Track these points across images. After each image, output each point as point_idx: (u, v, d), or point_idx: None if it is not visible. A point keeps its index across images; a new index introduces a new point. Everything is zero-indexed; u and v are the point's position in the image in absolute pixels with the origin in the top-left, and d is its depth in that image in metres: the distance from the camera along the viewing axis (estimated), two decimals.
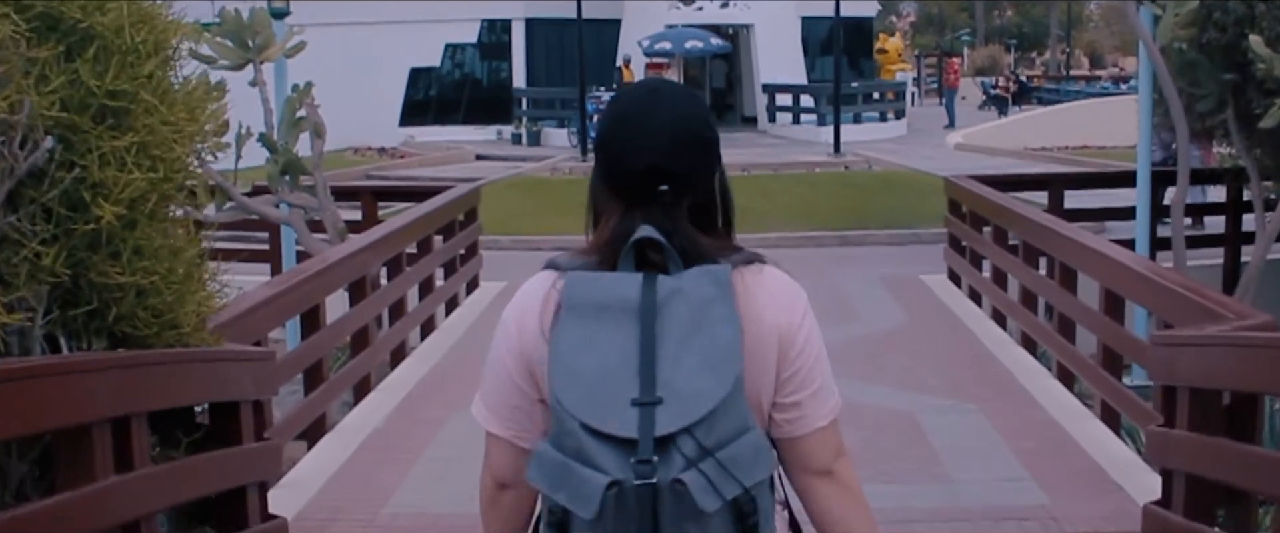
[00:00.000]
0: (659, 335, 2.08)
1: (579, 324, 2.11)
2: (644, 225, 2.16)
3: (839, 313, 12.84)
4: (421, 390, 10.13)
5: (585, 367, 2.07)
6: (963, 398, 9.55)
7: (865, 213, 19.48)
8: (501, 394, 2.30)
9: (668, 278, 2.13)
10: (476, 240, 14.58)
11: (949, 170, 23.81)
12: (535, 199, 21.36)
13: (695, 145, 2.24)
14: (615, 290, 2.13)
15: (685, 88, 2.38)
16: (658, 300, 2.10)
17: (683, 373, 2.06)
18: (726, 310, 2.12)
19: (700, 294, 2.12)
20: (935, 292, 13.86)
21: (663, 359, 2.06)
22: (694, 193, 2.26)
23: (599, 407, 2.05)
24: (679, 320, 2.09)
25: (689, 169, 2.22)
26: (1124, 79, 45.91)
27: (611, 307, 2.10)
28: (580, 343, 2.09)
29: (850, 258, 16.78)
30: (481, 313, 13.24)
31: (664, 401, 2.03)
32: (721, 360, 2.08)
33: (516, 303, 2.32)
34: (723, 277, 2.15)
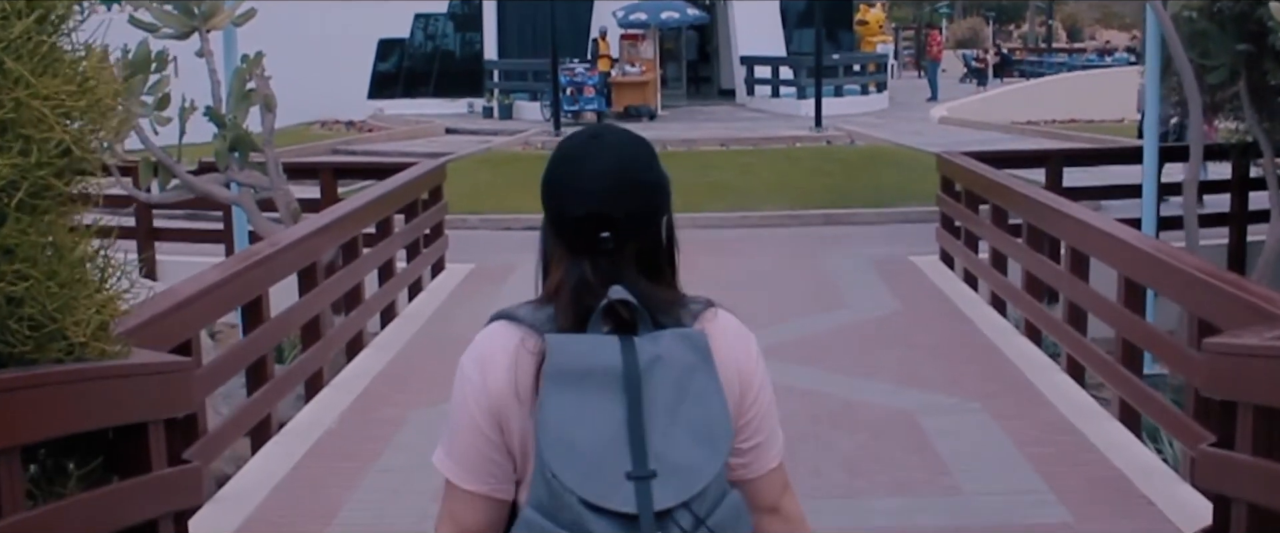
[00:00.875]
0: (646, 405, 2.06)
1: (565, 393, 2.08)
2: (614, 286, 2.14)
3: (828, 299, 12.07)
4: (379, 386, 9.34)
5: (581, 440, 2.05)
6: (966, 395, 8.79)
7: (851, 190, 18.69)
8: (474, 448, 2.24)
9: (645, 343, 2.12)
10: (442, 220, 13.77)
11: (935, 145, 23.08)
12: (505, 175, 20.51)
13: (635, 190, 2.20)
14: (597, 357, 2.10)
15: (629, 133, 2.31)
16: (640, 368, 2.08)
17: (675, 446, 2.06)
18: (711, 381, 2.13)
19: (681, 362, 2.11)
20: (928, 275, 13.10)
21: (653, 431, 2.05)
22: (638, 240, 2.22)
23: (598, 482, 2.04)
24: (664, 390, 2.09)
25: (629, 215, 2.18)
26: (1109, 51, 45.28)
27: (595, 374, 2.08)
28: (570, 414, 2.07)
29: (837, 238, 16.00)
30: (447, 297, 12.45)
31: (658, 474, 2.03)
32: (714, 434, 2.10)
33: (478, 354, 2.26)
34: (701, 343, 2.15)
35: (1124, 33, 71.42)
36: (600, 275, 2.18)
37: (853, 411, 8.49)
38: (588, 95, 27.57)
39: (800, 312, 11.25)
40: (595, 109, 27.73)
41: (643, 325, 2.15)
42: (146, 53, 10.28)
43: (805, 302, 11.82)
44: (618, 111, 28.30)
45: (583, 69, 27.68)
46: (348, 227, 10.26)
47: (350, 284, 10.32)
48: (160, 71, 10.41)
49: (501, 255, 14.77)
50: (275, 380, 8.19)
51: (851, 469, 7.38)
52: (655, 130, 26.03)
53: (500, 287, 12.87)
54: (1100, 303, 8.74)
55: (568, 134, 2.39)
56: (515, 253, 14.91)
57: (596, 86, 27.65)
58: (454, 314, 11.69)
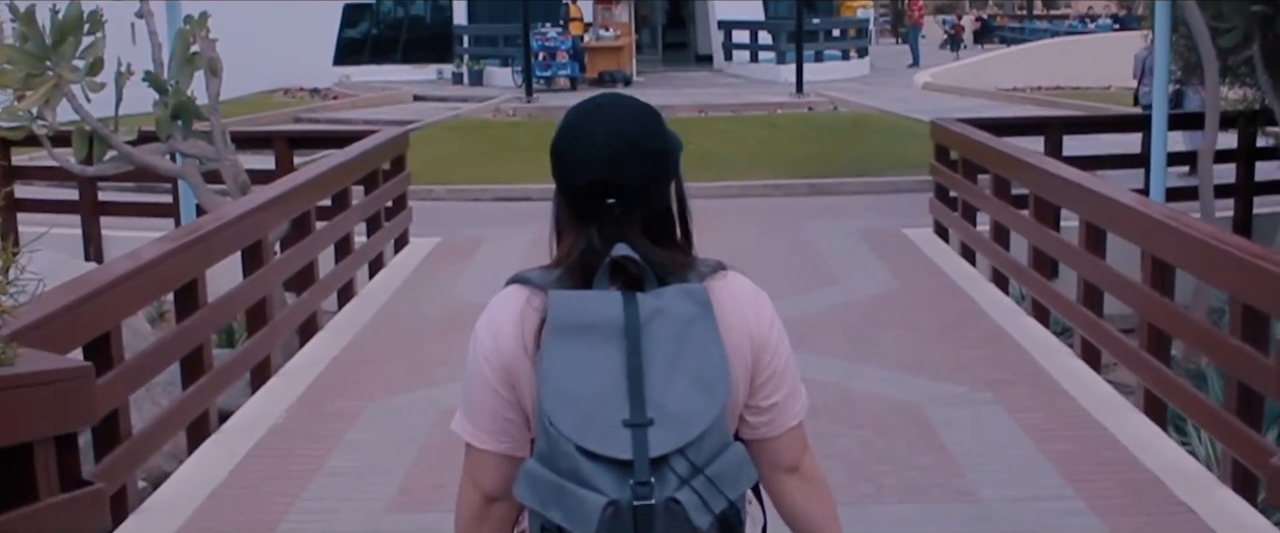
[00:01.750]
0: (645, 355, 2.08)
1: (566, 345, 2.10)
2: (619, 245, 2.17)
3: (818, 275, 11.30)
4: (332, 375, 8.55)
5: (579, 390, 2.08)
6: (975, 384, 8.05)
7: (836, 158, 17.89)
8: (488, 408, 2.28)
9: (647, 297, 2.13)
10: (405, 192, 12.94)
11: (920, 112, 22.37)
12: (475, 143, 19.69)
13: (638, 158, 2.22)
14: (598, 309, 2.12)
15: (633, 100, 2.30)
16: (640, 320, 2.10)
17: (674, 394, 2.07)
18: (710, 331, 2.13)
19: (682, 313, 2.13)
20: (922, 249, 12.34)
21: (652, 380, 2.08)
22: (645, 206, 2.25)
23: (594, 430, 2.07)
24: (664, 340, 2.10)
25: (633, 182, 2.21)
26: (1092, 18, 44.55)
27: (597, 326, 2.10)
28: (570, 365, 2.09)
29: (824, 209, 15.22)
30: (411, 274, 11.65)
31: (655, 422, 2.05)
32: (713, 381, 2.11)
33: (489, 317, 2.30)
34: (701, 296, 2.16)
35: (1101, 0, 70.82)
36: (606, 240, 2.21)
37: (852, 402, 7.74)
38: (560, 60, 26.70)
39: (789, 290, 10.49)
40: (568, 75, 26.88)
41: (648, 283, 2.16)
42: (78, 13, 9.42)
43: (794, 278, 11.04)
44: (591, 77, 27.45)
45: (555, 34, 26.78)
46: (299, 200, 9.44)
47: (302, 263, 9.52)
48: (94, 33, 9.56)
49: (470, 229, 13.98)
50: (214, 372, 7.40)
51: (855, 471, 6.62)
52: None
53: (467, 262, 12.09)
54: (1122, 283, 8.00)
55: (575, 103, 2.35)
56: (484, 226, 14.15)
57: (569, 51, 26.78)
58: (416, 292, 10.90)
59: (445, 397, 7.85)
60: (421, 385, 8.18)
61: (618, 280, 2.19)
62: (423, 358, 8.84)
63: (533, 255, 10.76)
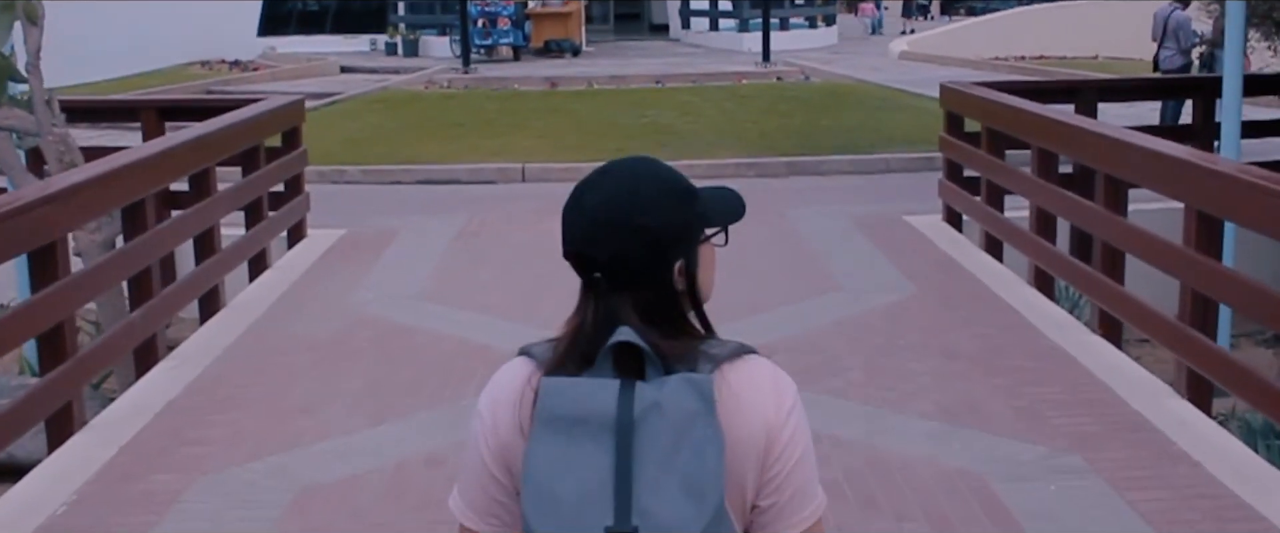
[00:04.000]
0: (636, 456, 1.87)
1: (552, 440, 1.89)
2: (621, 328, 1.94)
3: (813, 276, 8.99)
4: (159, 431, 6.17)
5: (561, 491, 1.86)
6: (1052, 440, 5.78)
7: (815, 133, 15.52)
8: (482, 490, 2.06)
9: (646, 388, 1.90)
10: (300, 173, 10.53)
11: (902, 82, 20.21)
12: (401, 117, 17.25)
13: (621, 233, 1.96)
14: (591, 402, 1.90)
15: (646, 167, 2.03)
16: (635, 416, 1.88)
17: (662, 500, 1.85)
18: (710, 430, 1.88)
19: (681, 409, 1.88)
20: (933, 241, 10.05)
21: (640, 484, 1.86)
22: (637, 286, 1.98)
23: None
24: (658, 439, 1.87)
25: (614, 258, 1.96)
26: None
27: (587, 420, 1.89)
28: (555, 462, 1.88)
29: (806, 191, 12.90)
30: (300, 278, 9.26)
31: (639, 530, 1.84)
32: (703, 486, 1.85)
33: (490, 394, 2.08)
34: (706, 389, 1.90)
35: None
36: (598, 319, 1.98)
37: (887, 472, 5.44)
38: (502, 27, 24.21)
39: (779, 297, 8.20)
40: (510, 43, 24.42)
41: (652, 370, 1.93)
42: None
43: (784, 281, 8.75)
44: (536, 47, 25.01)
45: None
46: (128, 185, 7.05)
47: (132, 269, 7.12)
48: None
49: (383, 217, 11.60)
50: None
51: None
52: (580, 67, 22.90)
53: (373, 261, 9.72)
54: (1255, 296, 5.73)
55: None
56: (401, 214, 11.78)
57: (512, 18, 24.28)
58: (301, 304, 8.51)
59: (308, 469, 5.54)
60: (278, 448, 5.84)
61: (620, 367, 1.93)
62: (289, 403, 6.50)
63: (455, 252, 8.00)
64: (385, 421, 6.20)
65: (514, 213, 11.69)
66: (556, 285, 2.70)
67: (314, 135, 15.32)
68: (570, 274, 2.04)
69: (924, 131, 15.03)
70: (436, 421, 6.15)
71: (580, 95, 19.41)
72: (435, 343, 7.48)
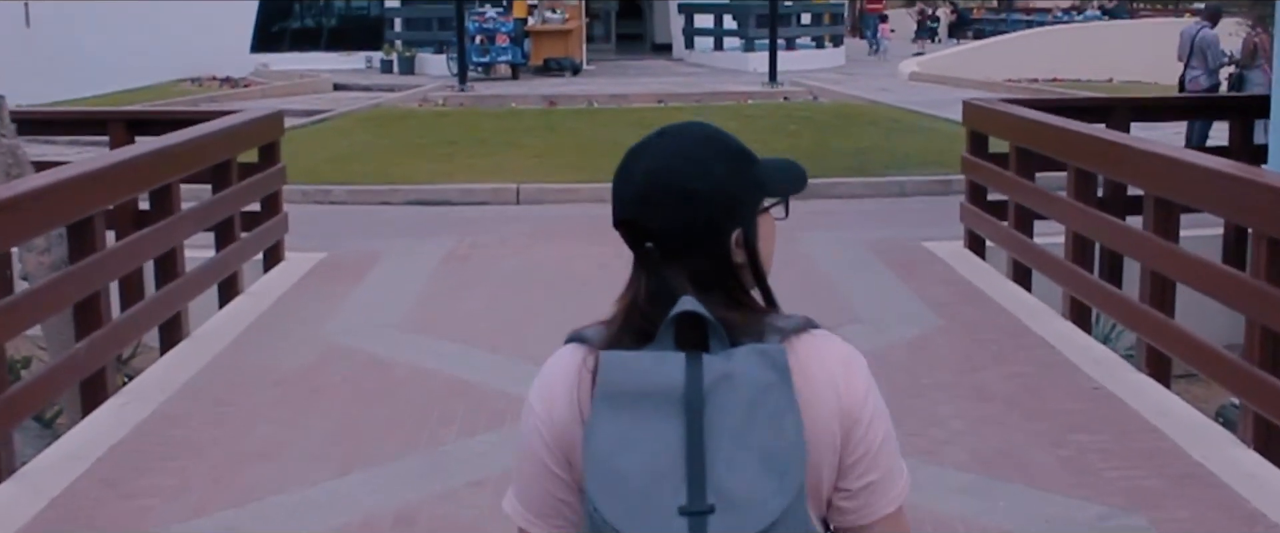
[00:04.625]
0: (708, 430, 1.71)
1: (616, 416, 1.73)
2: (684, 298, 1.78)
3: (830, 307, 8.27)
4: (95, 481, 5.47)
5: (628, 468, 1.70)
6: (1109, 497, 5.10)
7: (824, 155, 14.82)
8: (541, 487, 1.90)
9: (714, 359, 1.75)
10: (277, 192, 9.83)
11: (911, 102, 19.56)
12: (392, 135, 16.57)
13: (674, 198, 1.83)
14: (655, 375, 1.74)
15: (700, 130, 1.92)
16: (704, 388, 1.73)
17: (739, 476, 1.69)
18: (786, 400, 1.74)
19: (754, 380, 1.73)
20: (956, 269, 9.34)
21: (714, 459, 1.70)
22: (692, 255, 1.85)
23: (646, 517, 1.68)
24: (731, 412, 1.72)
25: (665, 226, 1.83)
26: (1079, 9, 41.83)
27: (652, 394, 1.73)
28: (619, 439, 1.72)
29: (817, 215, 12.17)
30: (273, 304, 8.58)
31: (716, 509, 1.68)
32: (786, 461, 1.71)
33: (541, 383, 1.92)
34: (780, 359, 1.75)
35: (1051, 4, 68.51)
36: (652, 292, 1.85)
37: (917, 531, 4.71)
38: (500, 45, 23.55)
39: None
40: (509, 61, 23.77)
41: (717, 342, 1.77)
42: None
43: (797, 311, 8.02)
44: (535, 65, 24.35)
45: (495, 14, 23.64)
46: (75, 199, 6.36)
47: (78, 295, 6.42)
48: None
49: (367, 239, 10.92)
50: None
51: None
52: (580, 85, 22.25)
53: (353, 286, 9.03)
54: None
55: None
56: (387, 235, 11.10)
57: (511, 35, 23.63)
58: (272, 333, 7.82)
59: (260, 528, 4.84)
60: (229, 502, 5.16)
61: (682, 341, 1.77)
62: (247, 447, 5.81)
63: (441, 277, 6.88)
64: (353, 469, 5.50)
65: (507, 236, 11.00)
66: (549, 315, 2.22)
67: (300, 153, 14.72)
68: (564, 304, 1.40)
69: (939, 153, 14.40)
70: (411, 470, 5.45)
71: (580, 114, 18.76)
72: (414, 379, 6.78)
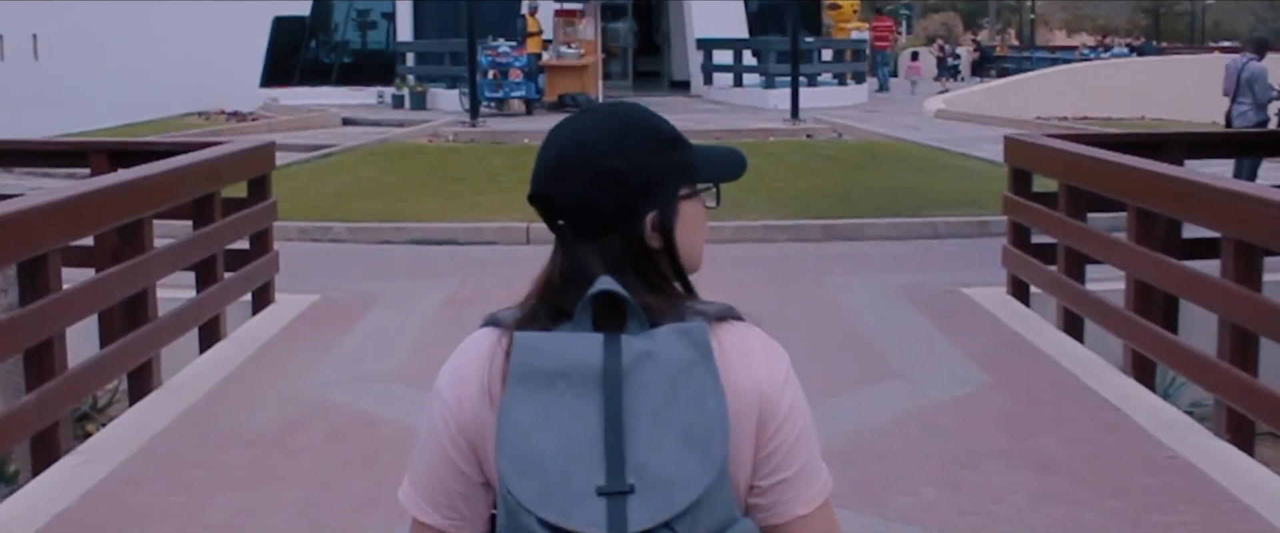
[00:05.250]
0: (627, 409, 1.66)
1: (530, 397, 1.67)
2: (602, 277, 1.73)
3: (862, 361, 7.55)
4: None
5: (543, 449, 1.64)
6: None
7: (852, 194, 14.10)
8: (437, 477, 1.82)
9: (634, 339, 1.69)
10: (268, 229, 9.17)
11: (942, 141, 18.83)
12: (399, 171, 15.89)
13: (584, 174, 1.77)
14: (571, 354, 1.69)
15: (619, 108, 1.86)
16: (623, 366, 1.67)
17: (660, 454, 1.64)
18: (709, 378, 1.68)
19: (674, 358, 1.68)
20: (1000, 317, 8.61)
21: (634, 438, 1.65)
22: (604, 234, 1.78)
23: (561, 499, 1.63)
24: (651, 391, 1.67)
25: (578, 202, 1.77)
26: (1106, 46, 41.16)
27: (569, 374, 1.67)
28: (534, 419, 1.66)
29: (845, 258, 11.47)
30: (257, 352, 7.90)
31: (636, 488, 1.62)
32: (707, 438, 1.65)
33: (453, 368, 1.84)
34: (701, 338, 1.70)
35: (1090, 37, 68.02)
36: (566, 269, 1.79)
37: None
38: (514, 80, 22.86)
39: (824, 386, 6.75)
40: (523, 96, 23.08)
41: (636, 323, 1.71)
42: None
43: (827, 365, 7.30)
44: (550, 100, 23.68)
45: (508, 49, 22.97)
46: (26, 234, 5.68)
47: (30, 341, 5.73)
48: None
49: (365, 280, 10.22)
50: None
51: None
52: None
53: (344, 333, 8.36)
54: None
55: None
56: (387, 276, 10.40)
57: (524, 70, 22.96)
58: (250, 385, 7.12)
59: None
60: None
61: (600, 322, 1.72)
62: (207, 519, 5.14)
63: (441, 323, 6.42)
64: None
65: (513, 278, 10.18)
66: None
67: (301, 189, 14.07)
68: None
69: (972, 193, 13.69)
70: None
71: None
72: (402, 439, 6.03)
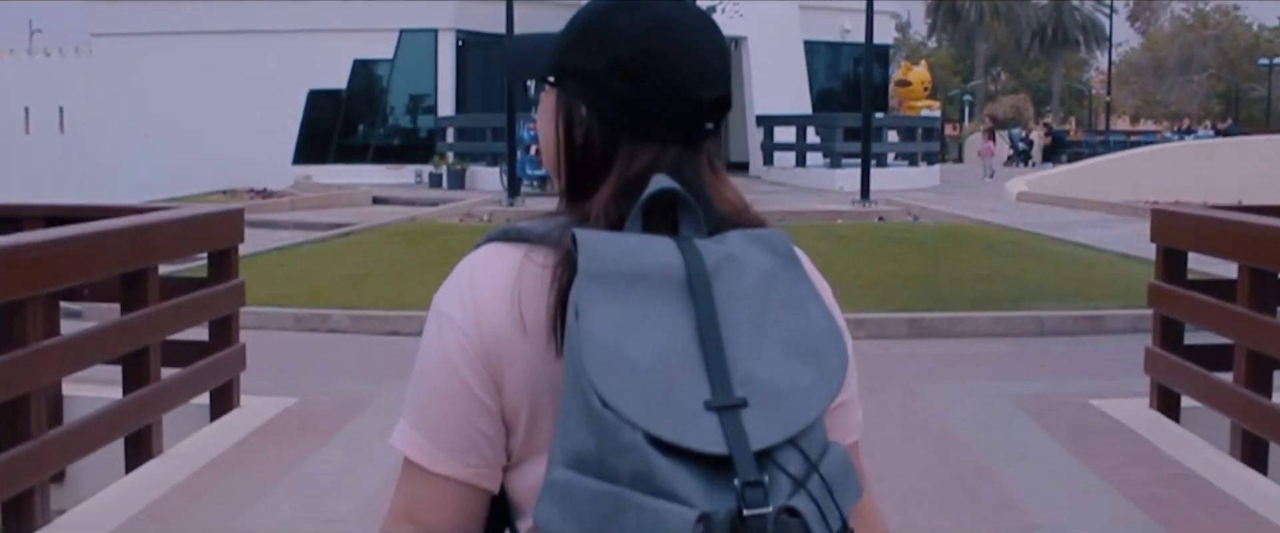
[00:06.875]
0: (722, 315, 1.43)
1: (609, 299, 1.41)
2: (657, 175, 1.51)
3: (988, 505, 5.68)
4: None
5: (639, 357, 1.37)
6: None
7: (938, 283, 12.20)
8: (460, 416, 1.54)
9: (709, 243, 1.48)
10: (232, 316, 7.42)
11: (1026, 225, 16.97)
12: (421, 253, 14.14)
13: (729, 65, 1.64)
14: (649, 254, 1.45)
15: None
16: (707, 268, 1.45)
17: (768, 365, 1.41)
18: (803, 285, 1.48)
19: (759, 265, 1.47)
20: (1150, 440, 6.73)
21: (735, 347, 1.41)
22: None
23: (668, 413, 1.35)
24: (743, 296, 1.44)
25: (727, 95, 1.62)
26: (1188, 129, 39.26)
27: (651, 276, 1.43)
28: (622, 324, 1.39)
29: (938, 359, 9.58)
30: (199, 471, 6.12)
31: (749, 402, 1.38)
32: (821, 347, 1.44)
33: (465, 287, 1.55)
34: (782, 244, 1.50)
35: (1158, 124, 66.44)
36: (637, 180, 1.54)
37: None
38: None
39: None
40: None
41: (693, 228, 1.50)
42: None
43: (949, 514, 5.46)
44: None
45: None
46: None
47: None
48: None
49: (357, 379, 8.46)
50: None
51: None
52: None
53: (315, 449, 6.64)
54: None
55: (610, 2, 1.60)
56: (384, 376, 8.55)
57: None
58: (175, 521, 5.31)
59: None
60: None
61: (651, 226, 1.50)
62: None
63: None
64: None
65: None
66: None
67: (309, 270, 12.41)
68: None
69: (1078, 283, 11.90)
70: None
71: None
72: None
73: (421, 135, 27.06)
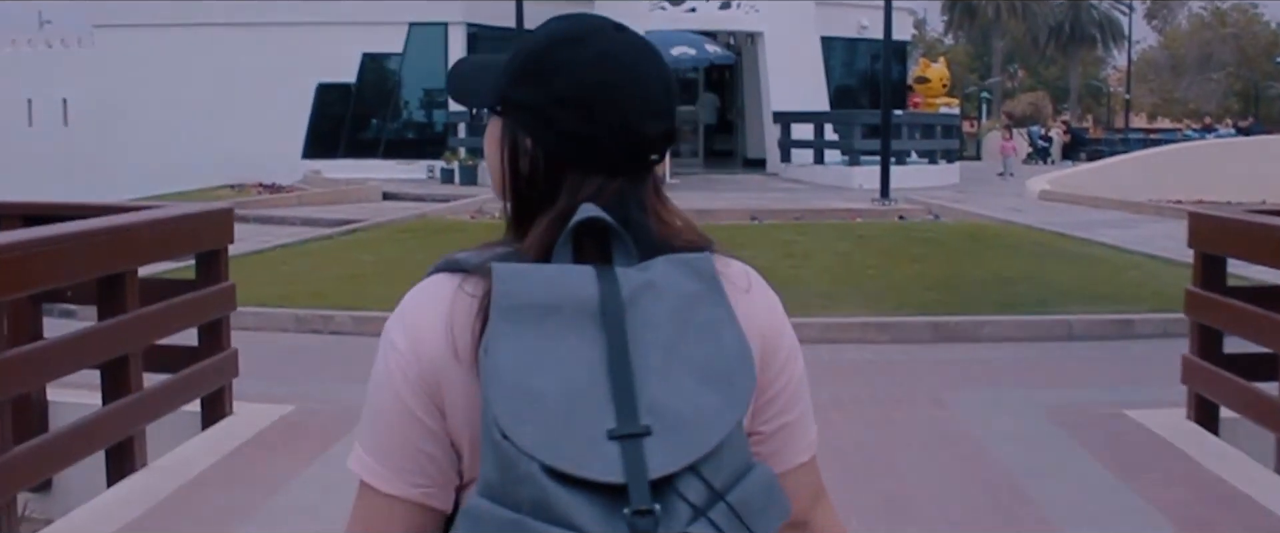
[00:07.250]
0: (633, 344, 1.46)
1: (519, 333, 1.47)
2: (584, 205, 1.55)
3: (1013, 518, 5.31)
4: None
5: (544, 388, 1.43)
6: None
7: (962, 285, 11.81)
8: (403, 438, 1.59)
9: (630, 270, 1.52)
10: (221, 320, 7.09)
11: (1049, 224, 16.61)
12: (429, 251, 13.72)
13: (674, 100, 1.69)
14: (563, 286, 1.50)
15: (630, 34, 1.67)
16: (623, 298, 1.49)
17: (676, 392, 1.45)
18: (721, 310, 1.51)
19: (680, 289, 1.51)
20: (1190, 454, 6.38)
21: (644, 375, 1.44)
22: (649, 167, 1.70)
23: (568, 443, 1.41)
24: (657, 323, 1.48)
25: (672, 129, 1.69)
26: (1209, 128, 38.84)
27: (562, 308, 1.48)
28: (528, 357, 1.46)
29: (964, 366, 9.21)
30: (184, 487, 5.79)
31: (652, 430, 1.42)
32: (729, 373, 1.47)
33: (407, 316, 1.62)
34: (705, 269, 1.54)
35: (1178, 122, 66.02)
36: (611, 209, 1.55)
37: None
38: None
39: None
40: None
41: (623, 256, 1.54)
42: None
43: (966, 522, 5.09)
44: None
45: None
46: None
47: None
48: None
49: (358, 384, 7.93)
50: None
51: None
52: None
53: (309, 460, 6.32)
54: None
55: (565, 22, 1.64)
56: None
57: None
58: None
59: None
60: None
61: (580, 257, 1.55)
62: None
63: None
64: None
65: None
66: None
67: (309, 269, 12.10)
68: None
69: (1106, 285, 11.53)
70: None
71: None
72: None
73: (434, 130, 26.77)
